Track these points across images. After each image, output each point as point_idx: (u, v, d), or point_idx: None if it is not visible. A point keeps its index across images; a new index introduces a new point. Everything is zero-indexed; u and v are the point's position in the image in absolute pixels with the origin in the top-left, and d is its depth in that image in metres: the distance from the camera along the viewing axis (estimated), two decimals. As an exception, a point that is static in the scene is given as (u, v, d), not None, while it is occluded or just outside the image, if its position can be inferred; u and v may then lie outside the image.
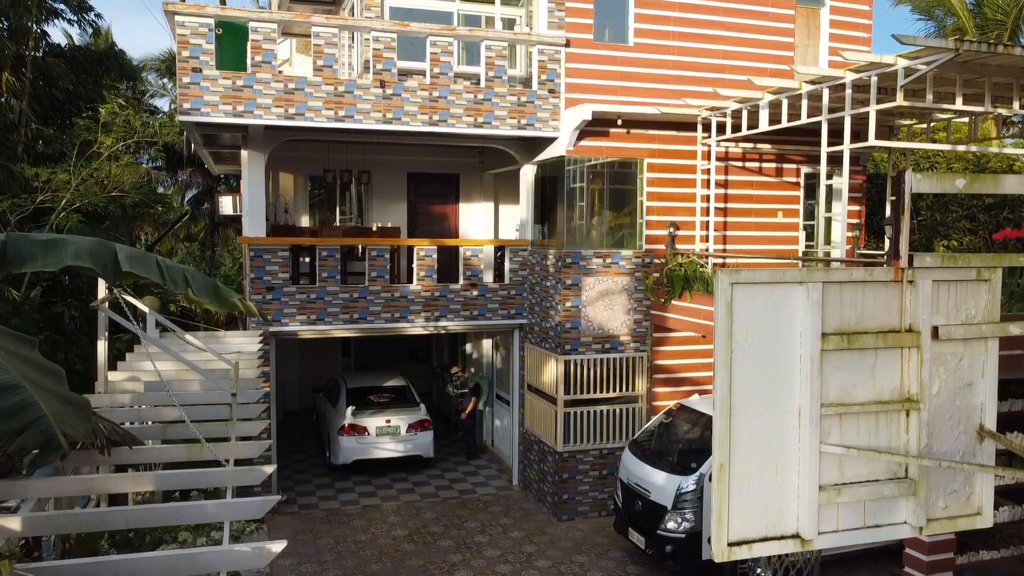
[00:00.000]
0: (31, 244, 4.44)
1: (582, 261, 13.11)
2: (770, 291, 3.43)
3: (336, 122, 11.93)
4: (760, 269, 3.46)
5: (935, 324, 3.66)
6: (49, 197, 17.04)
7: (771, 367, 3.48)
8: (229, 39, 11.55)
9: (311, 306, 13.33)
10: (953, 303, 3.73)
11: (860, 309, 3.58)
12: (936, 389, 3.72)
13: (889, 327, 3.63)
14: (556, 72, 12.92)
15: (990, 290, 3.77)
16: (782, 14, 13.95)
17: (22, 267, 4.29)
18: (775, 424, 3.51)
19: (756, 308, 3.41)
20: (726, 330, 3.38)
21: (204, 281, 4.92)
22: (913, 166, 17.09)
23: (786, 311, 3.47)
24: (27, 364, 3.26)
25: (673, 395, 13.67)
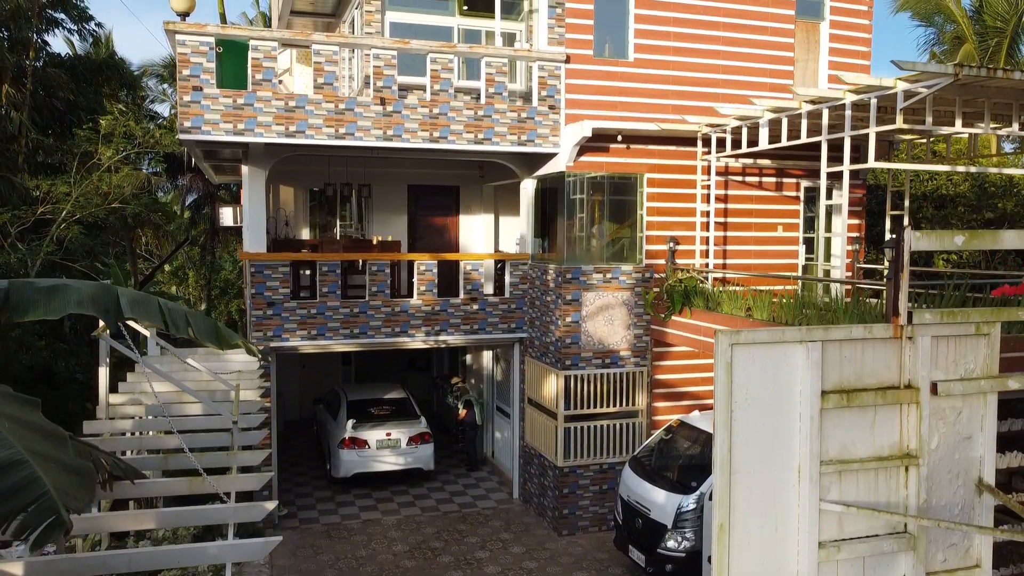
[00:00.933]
0: (34, 291, 4.45)
1: (582, 276, 13.13)
2: (770, 351, 3.45)
3: (337, 139, 11.95)
4: (760, 329, 3.47)
5: (934, 380, 3.68)
6: (50, 209, 17.06)
7: (771, 426, 3.49)
8: (229, 57, 11.57)
9: (311, 321, 13.34)
10: (952, 357, 3.74)
11: (859, 366, 3.60)
12: (935, 443, 3.74)
13: (888, 383, 3.65)
14: (556, 88, 12.93)
15: (989, 344, 3.78)
16: (782, 28, 13.96)
17: (25, 315, 4.30)
18: (775, 482, 3.53)
19: (756, 368, 3.42)
20: (726, 391, 3.39)
21: (205, 323, 4.94)
22: (913, 178, 17.11)
23: (786, 370, 3.48)
24: (29, 430, 3.27)
25: (673, 410, 13.69)
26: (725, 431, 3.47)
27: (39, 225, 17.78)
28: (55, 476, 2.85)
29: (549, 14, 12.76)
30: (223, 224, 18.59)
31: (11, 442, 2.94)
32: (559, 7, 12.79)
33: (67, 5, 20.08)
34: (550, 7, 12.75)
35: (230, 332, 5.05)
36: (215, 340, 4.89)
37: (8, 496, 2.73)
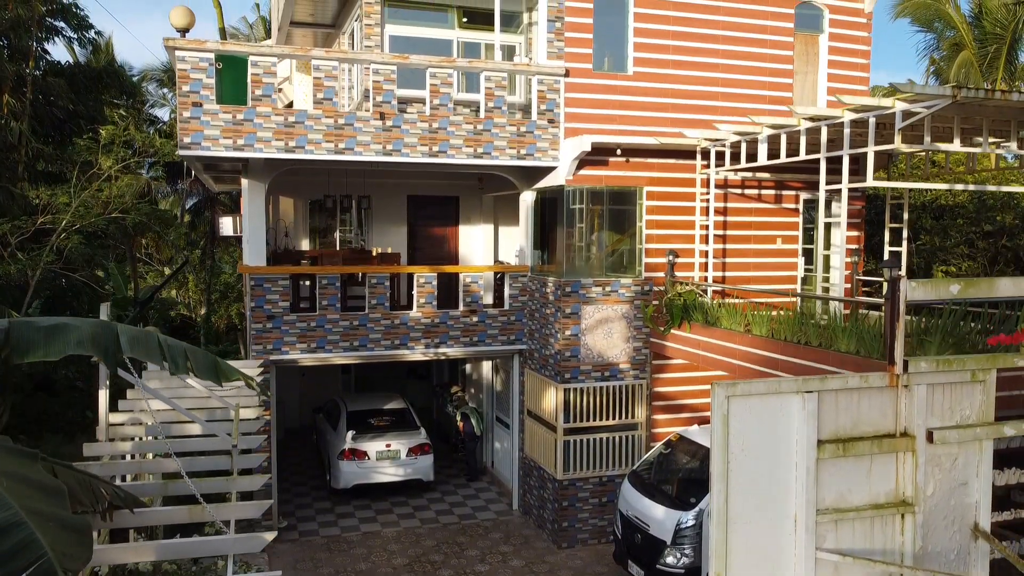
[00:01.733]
0: (34, 331, 4.47)
1: (581, 290, 13.14)
2: (766, 402, 3.46)
3: (336, 154, 11.96)
4: (757, 381, 3.49)
5: (930, 427, 3.69)
6: (50, 219, 17.06)
7: (767, 476, 3.51)
8: (229, 73, 11.59)
9: (311, 334, 13.37)
10: (948, 404, 3.76)
11: (856, 414, 3.61)
12: (931, 490, 3.76)
13: (885, 431, 3.66)
14: (555, 102, 12.95)
15: (984, 391, 3.80)
16: (781, 41, 13.98)
17: (25, 357, 4.32)
18: (771, 532, 3.55)
19: (752, 419, 3.44)
20: (722, 442, 3.41)
21: (204, 359, 4.96)
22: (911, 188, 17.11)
23: (782, 421, 3.50)
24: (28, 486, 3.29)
25: (673, 422, 13.71)
26: (722, 482, 3.49)
27: (39, 234, 17.79)
28: (53, 536, 2.86)
29: (548, 28, 12.77)
30: (223, 233, 18.61)
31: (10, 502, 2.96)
32: (558, 21, 12.81)
33: (67, 14, 20.05)
34: (549, 21, 12.76)
35: (229, 367, 5.07)
36: (214, 376, 4.91)
37: (7, 559, 2.75)
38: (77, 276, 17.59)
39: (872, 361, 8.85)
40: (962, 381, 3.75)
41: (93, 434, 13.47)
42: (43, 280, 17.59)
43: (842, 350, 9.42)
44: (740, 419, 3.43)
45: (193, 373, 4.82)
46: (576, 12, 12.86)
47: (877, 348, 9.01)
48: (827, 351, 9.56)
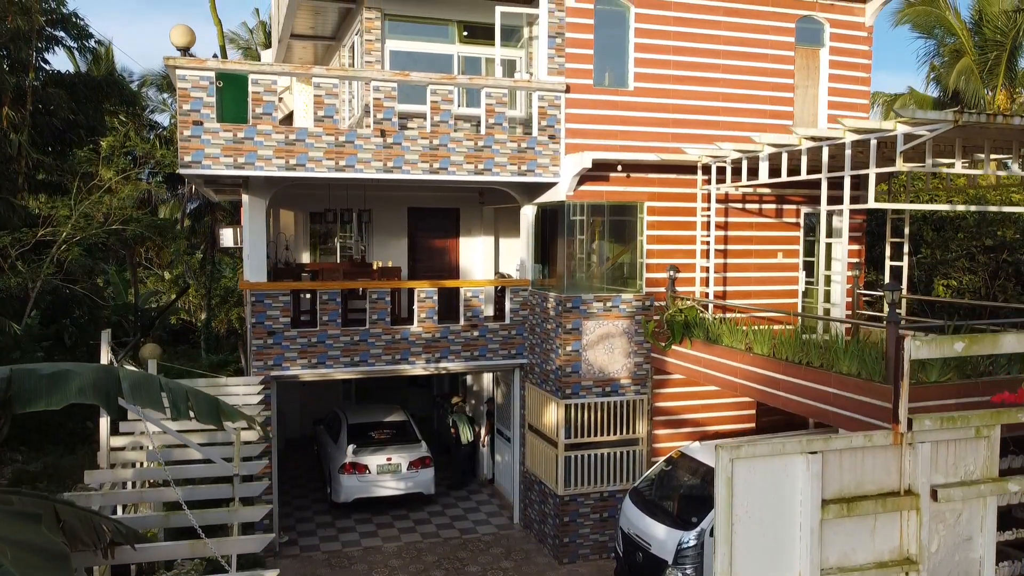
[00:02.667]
0: (36, 380, 4.46)
1: (582, 305, 13.14)
2: (770, 463, 3.46)
3: (337, 172, 11.95)
4: (761, 443, 3.48)
5: (934, 485, 3.69)
6: (50, 232, 17.08)
7: (771, 537, 3.51)
8: (230, 90, 11.58)
9: (312, 349, 13.36)
10: (952, 460, 3.76)
11: (859, 473, 3.61)
12: (935, 547, 3.75)
13: (889, 489, 3.66)
14: (556, 118, 12.93)
15: (989, 446, 3.79)
16: (781, 56, 13.96)
17: (27, 406, 4.32)
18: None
19: (756, 481, 3.43)
20: (726, 505, 3.40)
21: (207, 402, 4.95)
22: (912, 199, 17.11)
23: (787, 482, 3.50)
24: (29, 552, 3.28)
25: (674, 437, 13.71)
26: (726, 544, 3.48)
27: (40, 246, 17.80)
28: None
29: (549, 44, 12.75)
30: (223, 245, 18.60)
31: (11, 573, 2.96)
32: (559, 37, 12.79)
33: (67, 23, 20.07)
34: (550, 37, 12.75)
35: (231, 410, 5.06)
36: (215, 419, 4.91)
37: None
38: (78, 287, 17.58)
39: (873, 384, 8.86)
40: (966, 437, 3.75)
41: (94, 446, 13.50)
42: (43, 292, 17.60)
43: (843, 372, 9.41)
44: (744, 481, 3.43)
45: (195, 417, 4.82)
46: (577, 28, 12.85)
47: (878, 370, 9.01)
48: (828, 372, 9.55)
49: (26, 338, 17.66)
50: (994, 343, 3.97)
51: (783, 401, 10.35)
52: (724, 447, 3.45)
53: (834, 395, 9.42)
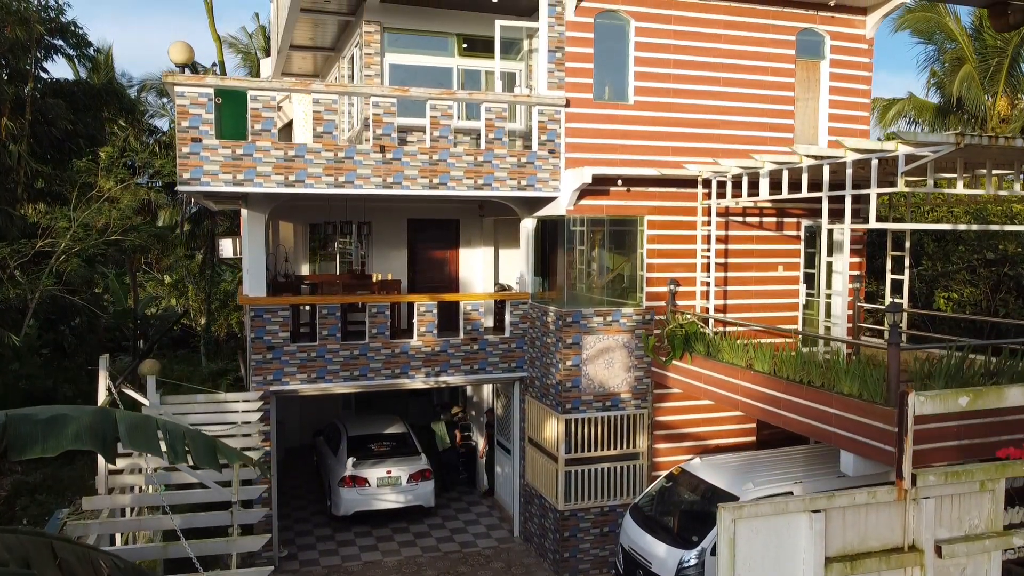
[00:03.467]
0: (31, 425, 4.43)
1: (582, 320, 13.10)
2: (772, 523, 3.42)
3: (336, 188, 11.91)
4: (764, 502, 3.45)
5: (938, 540, 3.65)
6: (49, 243, 17.03)
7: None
8: (229, 107, 11.53)
9: (312, 364, 13.33)
10: (956, 514, 3.73)
11: (863, 530, 3.57)
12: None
13: (892, 545, 3.63)
14: (556, 132, 12.89)
15: (993, 499, 3.76)
16: (782, 68, 13.92)
17: (22, 454, 4.29)
18: (778, 652, 3.50)
19: (758, 541, 3.40)
20: (729, 566, 3.37)
21: (204, 444, 4.91)
22: (913, 210, 17.07)
23: (789, 540, 3.46)
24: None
25: (675, 451, 13.68)
26: (728, 605, 3.45)
27: (39, 256, 17.76)
28: None
29: (549, 58, 12.71)
30: (222, 255, 18.56)
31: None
32: (559, 51, 12.75)
33: (66, 32, 20.01)
34: (550, 51, 12.71)
35: (229, 451, 5.02)
36: (213, 462, 4.87)
37: None
38: (77, 299, 17.55)
39: (875, 406, 8.81)
40: (971, 491, 3.71)
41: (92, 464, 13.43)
42: (42, 303, 17.56)
43: (844, 392, 9.38)
44: (746, 541, 3.39)
45: (192, 461, 4.79)
46: (577, 42, 12.80)
47: (880, 392, 8.97)
48: (830, 393, 9.52)
49: (25, 349, 17.64)
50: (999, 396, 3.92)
51: (784, 420, 10.32)
52: (726, 507, 3.41)
53: (835, 416, 9.39)
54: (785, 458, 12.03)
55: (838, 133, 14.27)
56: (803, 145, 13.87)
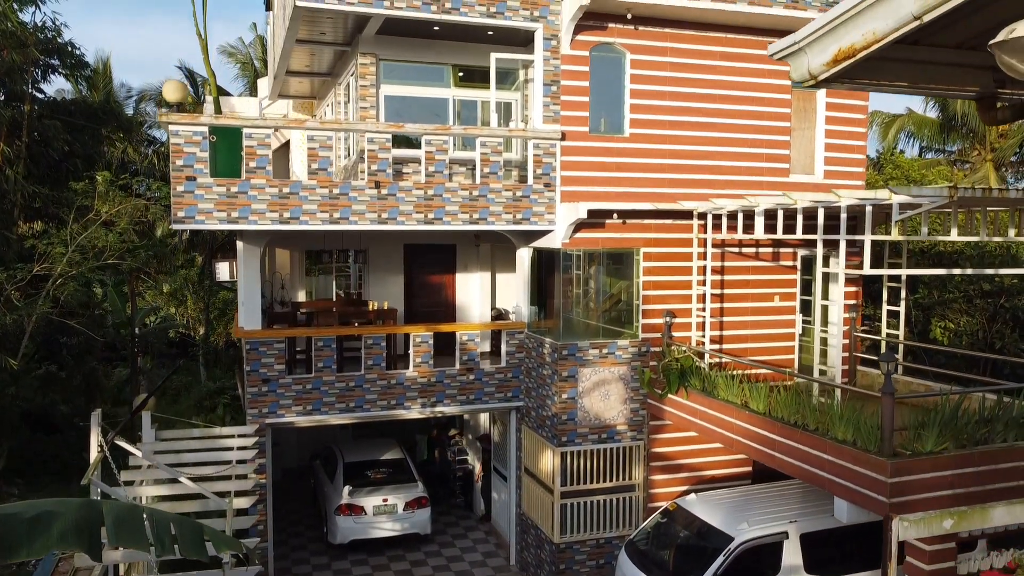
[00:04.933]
0: (16, 525, 4.42)
1: (578, 352, 13.09)
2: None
3: (331, 224, 11.90)
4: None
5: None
6: (46, 268, 17.03)
7: None
8: (223, 143, 11.53)
9: (307, 396, 13.33)
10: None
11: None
12: None
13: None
14: (552, 166, 12.88)
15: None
16: (777, 99, 13.91)
17: (7, 557, 4.27)
18: None
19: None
20: None
21: (192, 531, 4.89)
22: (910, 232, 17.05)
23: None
24: None
25: (671, 482, 13.67)
26: None
27: (36, 279, 17.76)
28: None
29: (544, 92, 12.70)
30: (220, 279, 18.50)
31: None
32: (554, 85, 12.74)
33: (62, 53, 19.99)
34: (545, 85, 12.69)
35: (218, 539, 5.00)
36: (201, 551, 4.85)
37: None
38: (74, 323, 17.54)
39: (869, 456, 8.82)
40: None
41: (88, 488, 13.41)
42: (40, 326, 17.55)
43: (839, 438, 9.38)
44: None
45: (179, 552, 4.77)
46: (572, 76, 12.79)
47: (874, 440, 8.97)
48: (824, 438, 9.51)
49: (22, 373, 17.64)
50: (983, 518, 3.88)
51: (779, 463, 10.31)
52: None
53: (829, 462, 9.38)
54: (781, 494, 12.01)
55: (835, 163, 14.28)
56: (800, 175, 13.92)
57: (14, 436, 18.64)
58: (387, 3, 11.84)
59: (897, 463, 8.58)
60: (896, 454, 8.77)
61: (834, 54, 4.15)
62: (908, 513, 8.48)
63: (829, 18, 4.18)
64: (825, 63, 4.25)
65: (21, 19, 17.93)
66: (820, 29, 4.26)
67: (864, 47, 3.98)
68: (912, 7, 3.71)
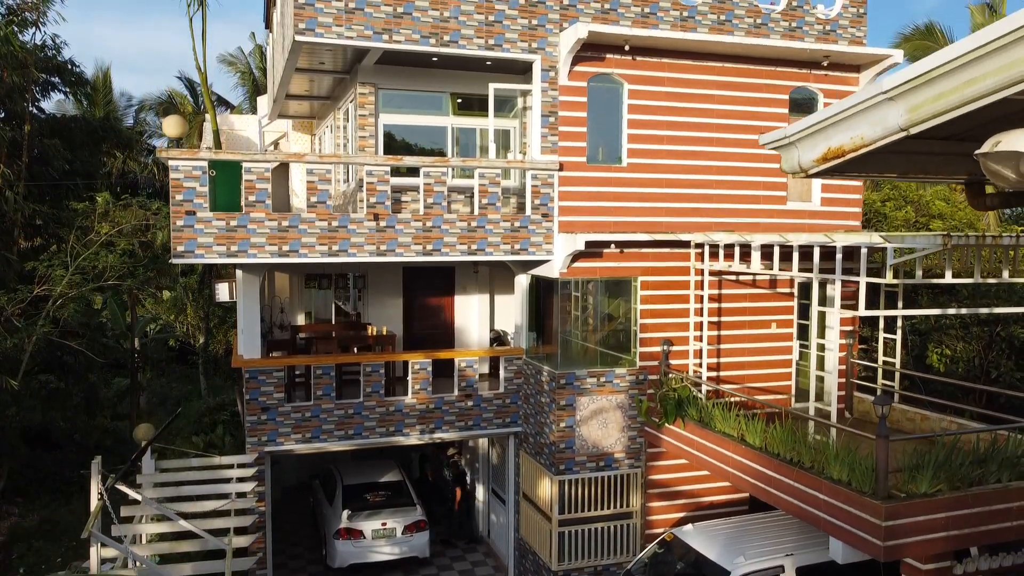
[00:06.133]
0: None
1: (576, 381, 13.15)
2: None
3: (330, 256, 11.96)
4: None
5: None
6: (46, 290, 17.08)
7: None
8: (223, 177, 11.58)
9: (306, 424, 13.39)
10: None
11: None
12: None
13: None
14: (550, 196, 12.94)
15: None
16: (775, 127, 13.90)
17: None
18: None
19: None
20: None
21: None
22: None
23: None
24: None
25: (669, 509, 13.73)
26: None
27: (37, 300, 17.81)
28: None
29: (542, 123, 12.76)
30: (219, 299, 18.57)
31: None
32: (552, 116, 12.80)
33: (63, 71, 20.04)
34: (543, 116, 12.75)
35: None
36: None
37: None
38: (74, 344, 17.60)
39: (864, 499, 8.88)
40: None
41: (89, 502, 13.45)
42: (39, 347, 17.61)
43: (834, 478, 9.45)
44: None
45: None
46: (570, 106, 12.85)
47: (868, 481, 9.04)
48: (819, 477, 9.58)
49: (23, 393, 17.69)
50: None
51: (775, 499, 10.38)
52: None
53: (825, 502, 9.45)
54: (778, 525, 12.07)
55: (832, 190, 14.33)
56: (797, 203, 13.98)
57: (14, 455, 18.70)
58: (386, 37, 11.91)
59: (891, 507, 8.64)
60: (891, 496, 8.84)
61: (823, 152, 4.20)
62: (902, 556, 8.56)
63: (819, 119, 4.24)
64: (815, 160, 4.30)
65: (22, 40, 17.98)
66: (810, 127, 4.32)
67: (853, 150, 4.04)
68: (899, 120, 3.77)
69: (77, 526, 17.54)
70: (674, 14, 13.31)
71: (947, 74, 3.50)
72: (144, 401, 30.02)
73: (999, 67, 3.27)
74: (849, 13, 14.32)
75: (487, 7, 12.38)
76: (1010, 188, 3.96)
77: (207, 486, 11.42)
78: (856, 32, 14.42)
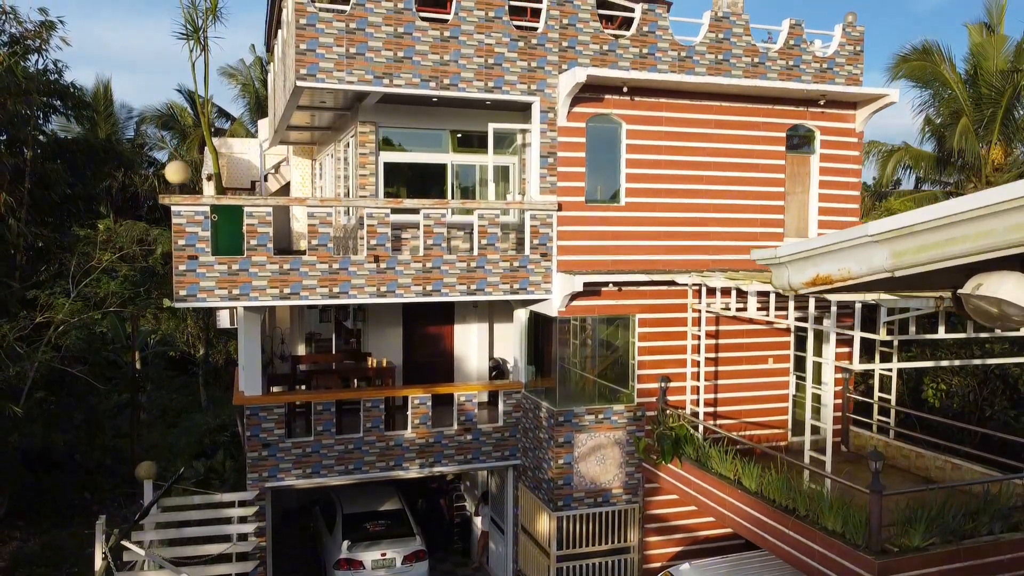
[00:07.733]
0: None
1: (575, 418, 13.27)
2: None
3: (331, 299, 12.08)
4: None
5: None
6: (47, 317, 17.18)
7: None
8: (225, 221, 11.69)
9: (307, 459, 13.49)
10: None
11: None
12: None
13: None
14: (548, 236, 13.06)
15: None
16: (772, 164, 14.08)
17: None
18: None
19: None
20: None
21: None
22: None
23: None
24: None
25: (666, 543, 13.86)
26: None
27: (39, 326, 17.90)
28: None
29: (541, 163, 12.87)
30: (220, 326, 18.73)
31: None
32: (551, 156, 12.91)
33: (65, 95, 20.12)
34: (542, 156, 12.87)
35: None
36: None
37: None
38: (75, 371, 17.71)
39: (858, 553, 9.01)
40: None
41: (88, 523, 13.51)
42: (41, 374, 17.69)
43: (828, 528, 9.57)
44: None
45: None
46: (569, 147, 12.97)
47: (862, 534, 9.17)
48: (814, 528, 9.70)
49: (25, 420, 17.78)
50: None
51: (770, 546, 10.50)
52: None
53: (819, 553, 9.57)
54: (773, 564, 12.18)
55: (828, 226, 14.44)
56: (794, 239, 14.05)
57: (16, 481, 18.81)
58: (387, 81, 12.02)
59: (884, 562, 8.77)
60: (884, 551, 8.97)
61: (812, 278, 4.31)
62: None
63: (808, 247, 4.34)
64: (804, 282, 4.41)
65: (25, 67, 18.07)
66: (800, 253, 4.42)
67: (840, 280, 4.14)
68: (884, 263, 3.88)
69: (78, 551, 17.67)
70: (672, 54, 13.42)
71: (929, 231, 3.61)
72: (144, 415, 30.11)
73: (976, 233, 3.39)
74: (846, 51, 14.43)
75: (487, 50, 12.49)
76: (990, 324, 4.07)
77: (209, 527, 11.52)
78: (852, 69, 14.53)
